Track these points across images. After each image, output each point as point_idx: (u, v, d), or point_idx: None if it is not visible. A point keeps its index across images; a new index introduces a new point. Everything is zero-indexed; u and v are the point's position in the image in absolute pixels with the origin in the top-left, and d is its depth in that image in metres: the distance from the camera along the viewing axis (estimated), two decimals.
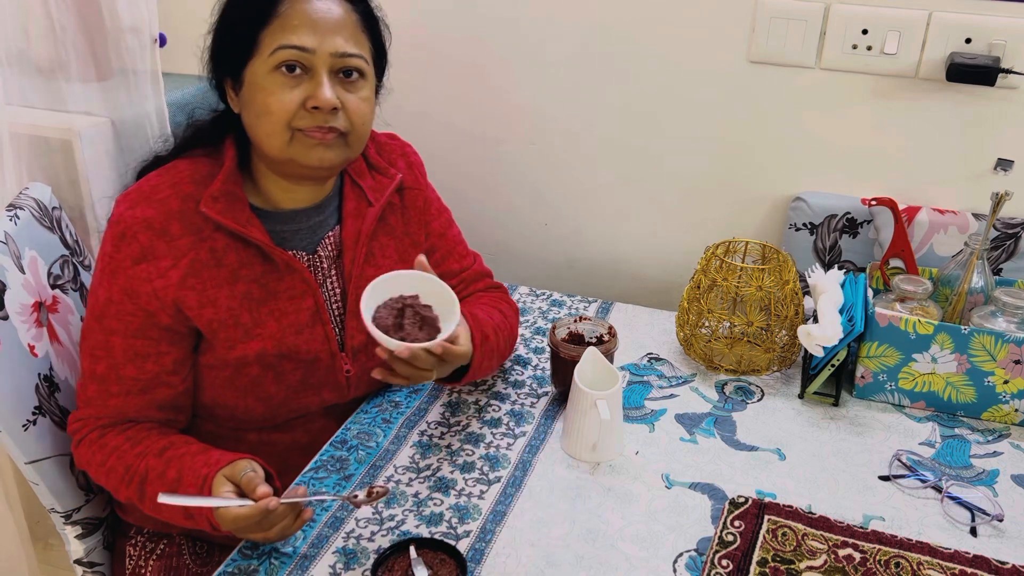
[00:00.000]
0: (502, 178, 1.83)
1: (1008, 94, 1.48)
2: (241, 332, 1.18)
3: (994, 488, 1.20)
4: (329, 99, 1.11)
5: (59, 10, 1.60)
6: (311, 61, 1.11)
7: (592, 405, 1.18)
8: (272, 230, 1.21)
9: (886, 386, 1.34)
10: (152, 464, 1.13)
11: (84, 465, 1.21)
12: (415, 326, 1.10)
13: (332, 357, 1.24)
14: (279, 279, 1.20)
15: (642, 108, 1.67)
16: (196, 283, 1.15)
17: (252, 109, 1.13)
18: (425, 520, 1.12)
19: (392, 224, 1.32)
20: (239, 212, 1.17)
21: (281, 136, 1.12)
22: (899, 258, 1.46)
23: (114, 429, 1.18)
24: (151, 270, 1.13)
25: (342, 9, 1.14)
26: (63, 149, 1.70)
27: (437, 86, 1.78)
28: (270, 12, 1.11)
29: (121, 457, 1.15)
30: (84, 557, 1.33)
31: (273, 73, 1.11)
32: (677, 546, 1.08)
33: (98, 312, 1.16)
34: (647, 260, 1.80)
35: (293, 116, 1.11)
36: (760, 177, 1.66)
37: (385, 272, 1.13)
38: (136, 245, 1.13)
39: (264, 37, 1.11)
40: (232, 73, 1.15)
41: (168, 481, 1.11)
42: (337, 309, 1.27)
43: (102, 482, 1.19)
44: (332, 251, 1.26)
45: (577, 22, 1.65)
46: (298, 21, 1.11)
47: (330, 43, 1.12)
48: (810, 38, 1.52)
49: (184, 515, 1.10)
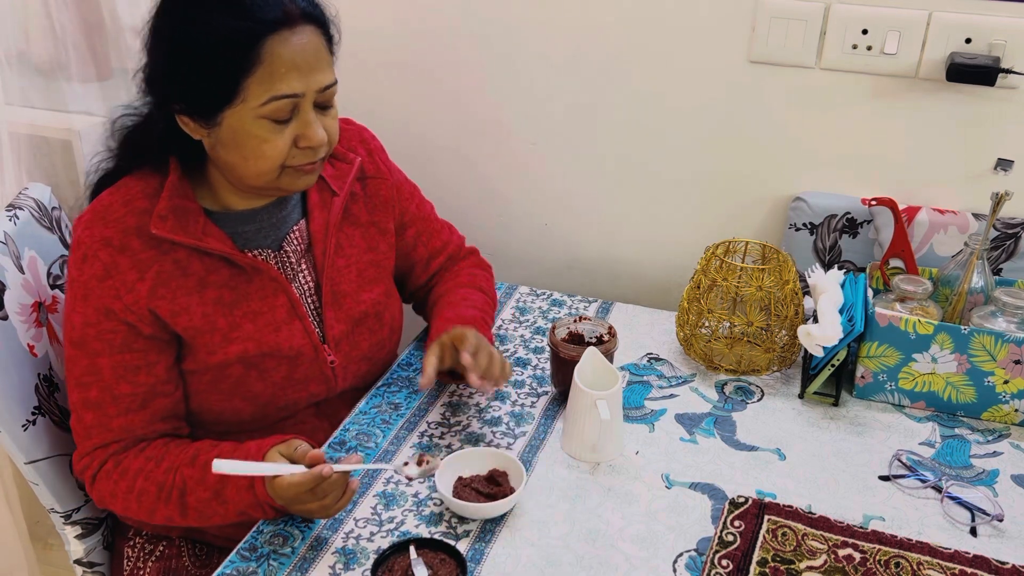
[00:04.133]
0: (502, 178, 1.83)
1: (1008, 94, 1.47)
2: (219, 337, 1.17)
3: (994, 488, 1.20)
4: (322, 138, 1.12)
5: (59, 10, 1.60)
6: (299, 103, 1.09)
7: (592, 405, 1.18)
8: (233, 232, 1.19)
9: (886, 386, 1.34)
10: (188, 474, 1.11)
11: (108, 499, 1.16)
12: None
13: (315, 350, 1.24)
14: (248, 281, 1.19)
15: (642, 108, 1.67)
16: (166, 292, 1.14)
17: (239, 152, 1.10)
18: (425, 520, 1.12)
19: (355, 214, 1.32)
20: (192, 225, 1.14)
21: (272, 174, 1.12)
22: (899, 258, 1.46)
23: (128, 453, 1.15)
24: (118, 285, 1.12)
25: (315, 36, 1.10)
26: (63, 149, 1.70)
27: (437, 86, 1.78)
28: (252, 59, 1.05)
29: (149, 477, 1.12)
30: (84, 557, 1.33)
31: (261, 120, 1.08)
32: (677, 546, 1.08)
33: (77, 338, 1.13)
34: (647, 260, 1.80)
35: (286, 157, 1.11)
36: (760, 177, 1.66)
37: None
38: (98, 263, 1.12)
39: (249, 85, 1.05)
40: (201, 113, 1.09)
41: (210, 484, 1.08)
42: (312, 302, 1.26)
43: (132, 511, 1.15)
44: (300, 245, 1.25)
45: (577, 22, 1.64)
46: (284, 68, 1.06)
47: (314, 81, 1.09)
48: (810, 38, 1.52)
49: (237, 512, 1.08)
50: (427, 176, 1.52)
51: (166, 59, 1.09)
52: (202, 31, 1.05)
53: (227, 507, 1.09)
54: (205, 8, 1.05)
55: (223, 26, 1.04)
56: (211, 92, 1.07)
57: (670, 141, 1.69)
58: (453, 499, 1.10)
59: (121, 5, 1.63)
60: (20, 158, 1.60)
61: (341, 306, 1.27)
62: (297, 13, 1.08)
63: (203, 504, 1.10)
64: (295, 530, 1.10)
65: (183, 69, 1.07)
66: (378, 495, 1.16)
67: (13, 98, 1.62)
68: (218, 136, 1.10)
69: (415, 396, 1.36)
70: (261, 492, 1.06)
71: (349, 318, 1.28)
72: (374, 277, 1.32)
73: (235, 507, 1.09)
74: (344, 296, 1.28)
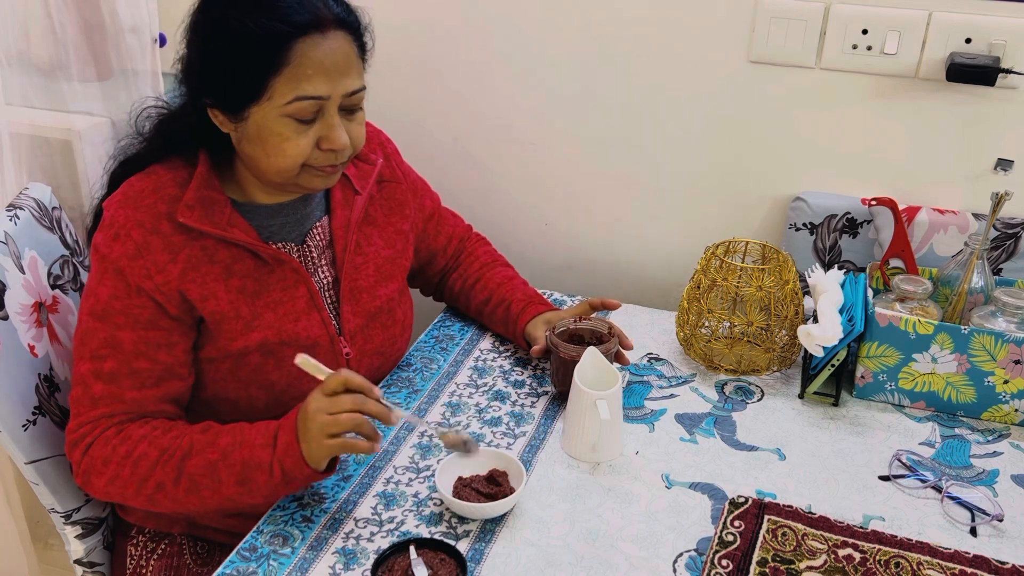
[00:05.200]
0: (502, 178, 1.83)
1: (1008, 94, 1.48)
2: (242, 324, 1.19)
3: (994, 488, 1.20)
4: (344, 142, 1.13)
5: (59, 10, 1.60)
6: (324, 105, 1.11)
7: (592, 405, 1.18)
8: (259, 225, 1.22)
9: (886, 386, 1.34)
10: (197, 439, 1.11)
11: (98, 466, 1.12)
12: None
13: (331, 341, 1.26)
14: (270, 271, 1.21)
15: (642, 108, 1.67)
16: (196, 276, 1.16)
17: (262, 148, 1.12)
18: (425, 520, 1.12)
19: (373, 215, 1.35)
20: (218, 215, 1.17)
21: (292, 172, 1.14)
22: (899, 258, 1.46)
23: (134, 423, 1.14)
24: (149, 266, 1.13)
25: (346, 42, 1.12)
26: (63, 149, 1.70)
27: (438, 85, 1.78)
28: (281, 59, 1.07)
29: (154, 442, 1.11)
30: (84, 557, 1.33)
31: (285, 118, 1.10)
32: (677, 546, 1.08)
33: (100, 311, 1.14)
34: (647, 260, 1.80)
35: (308, 157, 1.13)
36: (760, 177, 1.66)
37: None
38: (131, 243, 1.13)
39: (276, 84, 1.08)
40: (230, 108, 1.12)
41: (221, 447, 1.09)
42: (330, 296, 1.28)
43: (121, 481, 1.11)
44: (321, 240, 1.28)
45: (577, 22, 1.65)
46: (312, 70, 1.08)
47: (342, 86, 1.11)
48: (810, 38, 1.52)
49: (235, 482, 1.08)
50: (428, 175, 1.52)
51: (200, 53, 1.13)
52: (235, 29, 1.08)
53: (231, 471, 1.08)
54: (240, 7, 1.08)
55: (256, 25, 1.07)
56: (239, 88, 1.10)
57: (670, 141, 1.69)
58: (453, 499, 1.10)
59: (121, 5, 1.63)
60: (20, 158, 1.60)
61: (358, 301, 1.30)
62: (330, 19, 1.10)
63: (202, 471, 1.09)
64: (295, 530, 1.10)
65: (215, 64, 1.11)
66: (378, 495, 1.16)
67: (13, 98, 1.62)
68: (244, 131, 1.13)
69: (415, 396, 1.36)
70: (286, 434, 1.08)
71: (365, 312, 1.30)
72: (390, 273, 1.35)
73: (239, 473, 1.08)
74: (361, 291, 1.30)
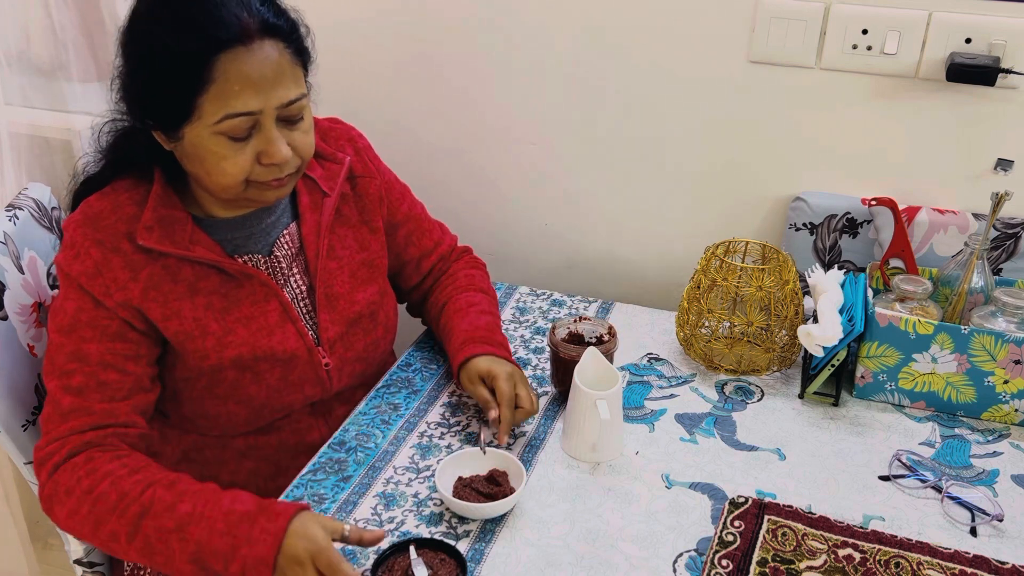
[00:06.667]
0: (502, 178, 1.83)
1: (1008, 94, 1.47)
2: (213, 341, 1.16)
3: (994, 488, 1.20)
4: (285, 155, 1.10)
5: (59, 10, 1.61)
6: (259, 119, 1.07)
7: (592, 405, 1.18)
8: (222, 239, 1.19)
9: (886, 386, 1.34)
10: (160, 495, 1.03)
11: (61, 496, 1.06)
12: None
13: (309, 353, 1.23)
14: (238, 286, 1.19)
15: (642, 108, 1.67)
16: (158, 296, 1.14)
17: (201, 166, 1.09)
18: (425, 520, 1.12)
19: (346, 214, 1.31)
20: (179, 234, 1.14)
21: (237, 189, 1.11)
22: (899, 258, 1.46)
23: (105, 455, 1.08)
24: (109, 283, 1.11)
25: (275, 51, 1.07)
26: (63, 149, 1.71)
27: (437, 85, 1.78)
28: (205, 77, 1.03)
29: (116, 483, 1.04)
30: (84, 557, 1.33)
31: (218, 136, 1.06)
32: (677, 546, 1.08)
33: (67, 325, 1.12)
34: (647, 260, 1.80)
35: (249, 173, 1.10)
36: (760, 177, 1.66)
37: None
38: (90, 260, 1.12)
39: (203, 103, 1.04)
40: (163, 127, 1.09)
41: (179, 515, 1.01)
42: (306, 305, 1.26)
43: (79, 517, 1.05)
44: (290, 249, 1.25)
45: (576, 22, 1.64)
46: (239, 85, 1.04)
47: (274, 98, 1.06)
48: (810, 38, 1.52)
49: (189, 554, 0.99)
50: (426, 176, 1.52)
51: (129, 72, 1.09)
52: (159, 47, 1.04)
53: (184, 545, 1.00)
54: (162, 26, 1.04)
55: (176, 44, 1.03)
56: (168, 107, 1.06)
57: (670, 141, 1.69)
58: (453, 499, 1.10)
59: (121, 5, 1.63)
60: (20, 158, 1.60)
61: (335, 308, 1.27)
62: (255, 28, 1.05)
63: (158, 535, 1.01)
64: None
65: (143, 83, 1.08)
66: (378, 495, 1.16)
67: (13, 98, 1.62)
68: (183, 150, 1.10)
69: (414, 396, 1.36)
70: (275, 524, 0.98)
71: (344, 319, 1.27)
72: (367, 277, 1.32)
73: (193, 550, 0.99)
74: (338, 298, 1.27)
